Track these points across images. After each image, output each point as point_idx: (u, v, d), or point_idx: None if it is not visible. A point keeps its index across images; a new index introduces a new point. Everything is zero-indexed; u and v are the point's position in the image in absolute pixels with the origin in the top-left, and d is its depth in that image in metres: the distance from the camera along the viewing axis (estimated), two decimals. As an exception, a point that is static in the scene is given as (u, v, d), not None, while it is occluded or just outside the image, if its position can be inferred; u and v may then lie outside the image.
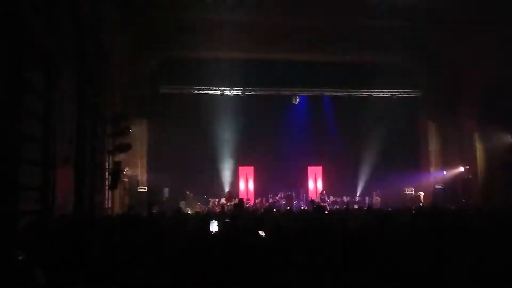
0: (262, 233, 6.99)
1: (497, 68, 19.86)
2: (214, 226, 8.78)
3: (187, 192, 22.73)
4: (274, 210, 13.42)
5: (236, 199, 20.21)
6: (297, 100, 24.86)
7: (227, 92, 24.09)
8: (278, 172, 23.69)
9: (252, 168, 24.94)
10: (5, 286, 2.13)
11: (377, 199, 23.15)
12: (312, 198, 22.72)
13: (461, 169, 22.60)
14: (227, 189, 23.27)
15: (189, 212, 15.58)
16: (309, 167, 25.38)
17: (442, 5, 19.75)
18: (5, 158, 7.68)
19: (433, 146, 24.34)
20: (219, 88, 23.56)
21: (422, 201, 22.26)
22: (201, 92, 23.49)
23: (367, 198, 23.64)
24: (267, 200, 23.46)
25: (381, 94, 24.49)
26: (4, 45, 7.71)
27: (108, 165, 16.44)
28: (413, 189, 23.22)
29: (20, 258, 3.95)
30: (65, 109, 12.16)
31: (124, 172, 18.53)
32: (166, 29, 20.79)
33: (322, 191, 23.87)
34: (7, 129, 7.53)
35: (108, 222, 9.80)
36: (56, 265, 3.75)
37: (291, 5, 20.24)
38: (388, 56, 22.66)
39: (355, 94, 24.45)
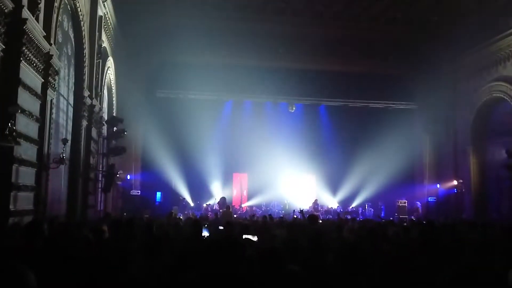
0: (254, 238, 7.01)
1: (493, 82, 20.00)
2: (205, 232, 8.78)
3: (180, 197, 22.67)
4: (267, 217, 13.36)
5: (227, 206, 20.20)
6: (294, 108, 24.93)
7: (223, 98, 24.10)
8: (272, 179, 23.62)
9: (245, 175, 24.92)
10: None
11: (370, 210, 23.15)
12: (308, 209, 22.59)
13: (455, 182, 22.66)
14: (221, 195, 23.15)
15: (181, 218, 15.50)
16: (303, 176, 25.37)
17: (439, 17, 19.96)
18: (-1, 157, 7.65)
19: (428, 158, 24.41)
20: (216, 93, 23.54)
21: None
22: (197, 97, 23.44)
23: (360, 208, 23.63)
24: (259, 208, 23.43)
25: (377, 105, 24.56)
26: (3, 45, 7.69)
27: (102, 168, 16.37)
28: (406, 201, 23.20)
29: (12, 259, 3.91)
30: (61, 110, 12.13)
31: (118, 175, 18.45)
32: (164, 34, 20.81)
33: (315, 200, 23.81)
34: (2, 128, 7.50)
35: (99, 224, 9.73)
36: (47, 267, 3.72)
37: (291, 15, 20.35)
38: (385, 68, 22.75)
39: (351, 104, 24.49)
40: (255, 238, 7.04)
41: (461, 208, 22.00)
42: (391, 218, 19.07)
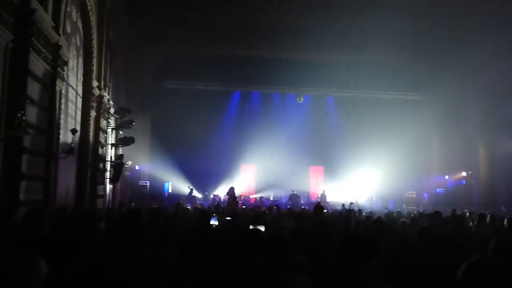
0: (262, 228, 7.02)
1: (502, 74, 19.77)
2: (214, 221, 8.83)
3: (188, 187, 22.76)
4: (275, 208, 13.37)
5: (233, 197, 20.24)
6: (302, 99, 24.86)
7: (231, 89, 24.09)
8: (280, 171, 23.61)
9: (254, 166, 24.93)
10: (6, 275, 2.14)
11: (378, 201, 23.10)
12: (314, 199, 22.67)
13: (464, 174, 22.53)
14: (229, 186, 23.18)
15: (188, 208, 15.56)
16: (311, 167, 25.37)
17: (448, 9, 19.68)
18: (9, 148, 7.71)
19: (436, 150, 24.26)
20: (224, 84, 23.52)
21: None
22: (205, 88, 23.45)
23: (367, 200, 23.58)
24: (267, 200, 23.45)
25: (385, 96, 24.40)
26: (12, 35, 7.73)
27: (111, 158, 16.46)
28: (415, 192, 23.12)
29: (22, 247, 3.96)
30: (70, 100, 12.19)
31: (126, 165, 18.52)
32: (172, 25, 20.76)
33: (323, 191, 23.79)
34: (11, 118, 7.55)
35: (109, 215, 9.82)
36: (56, 256, 3.76)
37: (297, 8, 20.19)
38: (394, 59, 22.54)
39: (359, 95, 24.34)
40: (262, 228, 7.05)
41: (470, 200, 21.88)
42: (398, 209, 19.04)
